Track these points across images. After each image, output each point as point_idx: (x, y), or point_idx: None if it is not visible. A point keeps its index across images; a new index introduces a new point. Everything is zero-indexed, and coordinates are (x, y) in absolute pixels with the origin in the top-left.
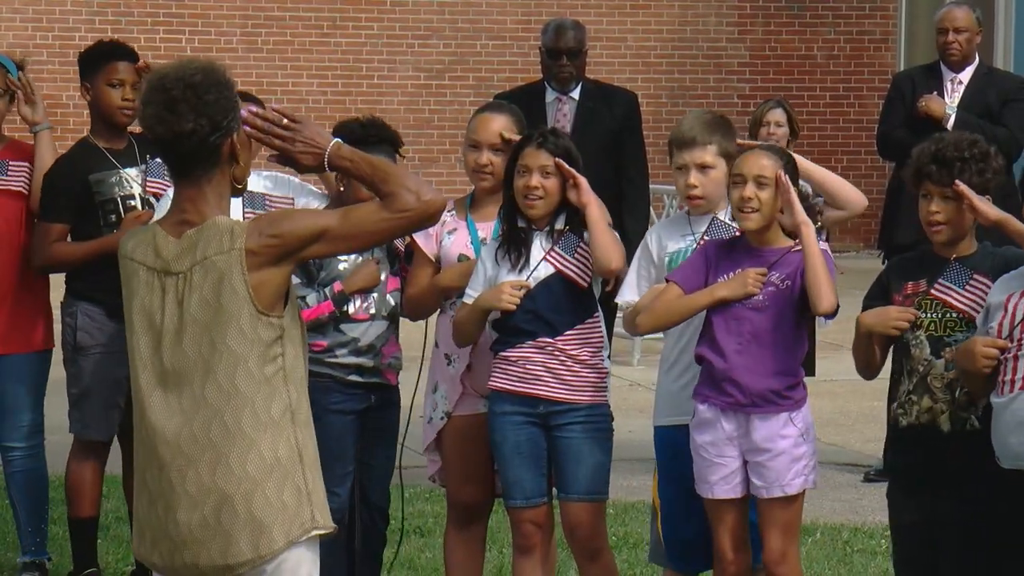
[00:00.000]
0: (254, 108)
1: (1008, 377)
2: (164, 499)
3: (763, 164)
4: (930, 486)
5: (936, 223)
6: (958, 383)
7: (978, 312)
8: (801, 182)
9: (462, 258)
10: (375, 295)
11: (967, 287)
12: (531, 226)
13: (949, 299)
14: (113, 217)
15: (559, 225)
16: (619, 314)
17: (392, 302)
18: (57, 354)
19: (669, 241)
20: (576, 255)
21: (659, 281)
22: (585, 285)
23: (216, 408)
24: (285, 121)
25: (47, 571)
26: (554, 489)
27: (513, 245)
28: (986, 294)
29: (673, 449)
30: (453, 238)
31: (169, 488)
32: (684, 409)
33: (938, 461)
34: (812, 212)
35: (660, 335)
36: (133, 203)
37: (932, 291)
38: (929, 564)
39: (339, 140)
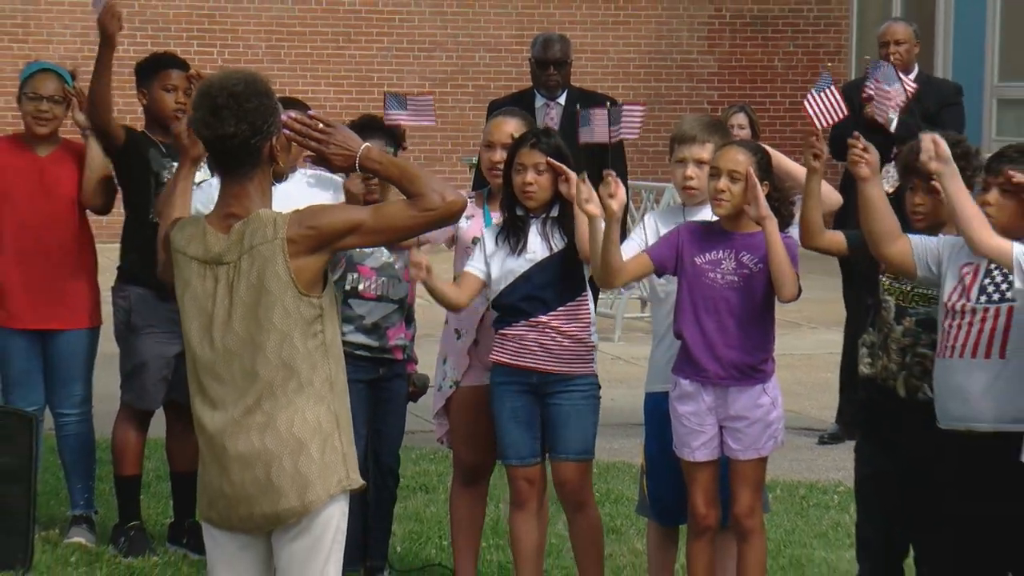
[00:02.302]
0: (294, 113)
1: (950, 343)
2: (219, 462)
3: (738, 159)
4: (890, 444)
5: (918, 213)
6: (910, 350)
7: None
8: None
9: (476, 240)
10: (384, 278)
11: None
12: (529, 214)
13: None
14: (164, 186)
15: (554, 213)
16: (603, 295)
17: (404, 289)
18: (106, 330)
19: (663, 228)
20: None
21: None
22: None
23: (266, 380)
24: (321, 126)
25: (94, 524)
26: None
27: (512, 231)
28: None
29: (660, 414)
30: (470, 223)
31: (223, 452)
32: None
33: (894, 421)
34: (787, 203)
35: (643, 313)
36: None
37: None
38: (890, 512)
39: (369, 145)
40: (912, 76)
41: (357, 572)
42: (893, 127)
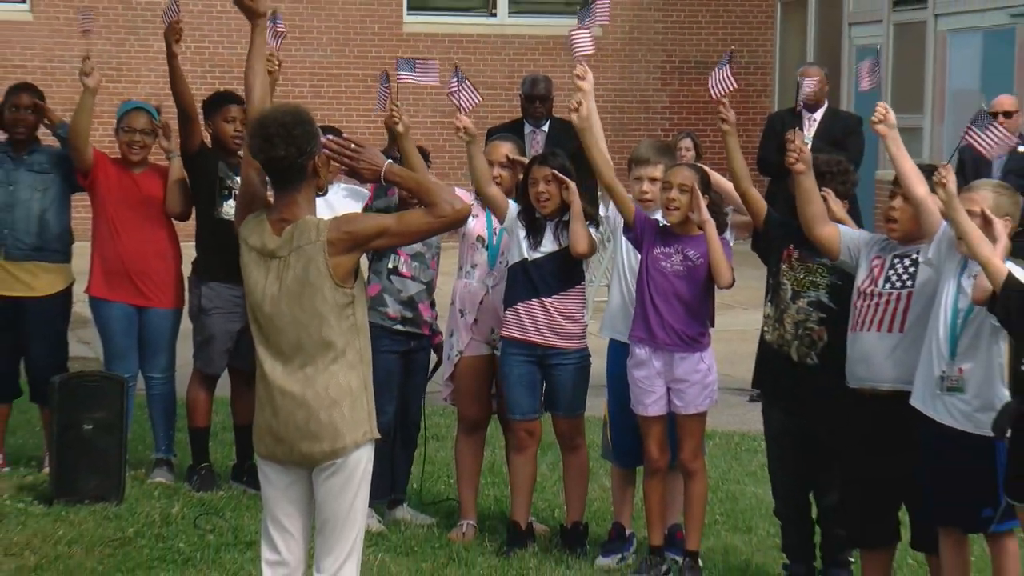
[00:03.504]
0: (332, 136)
1: (859, 318)
2: (271, 404)
3: (685, 176)
4: (785, 402)
5: None
6: (802, 325)
7: (826, 278)
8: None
9: (480, 239)
10: (416, 263)
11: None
12: (545, 218)
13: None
14: (227, 193)
15: (566, 218)
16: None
17: (431, 275)
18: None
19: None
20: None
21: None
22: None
23: (309, 352)
24: (353, 146)
25: (173, 465)
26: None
27: (532, 230)
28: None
29: (620, 379)
30: (475, 221)
31: (273, 401)
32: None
33: (789, 381)
34: (721, 214)
35: (605, 297)
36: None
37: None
38: (791, 462)
39: (391, 161)
40: (823, 109)
41: (383, 504)
42: (808, 148)
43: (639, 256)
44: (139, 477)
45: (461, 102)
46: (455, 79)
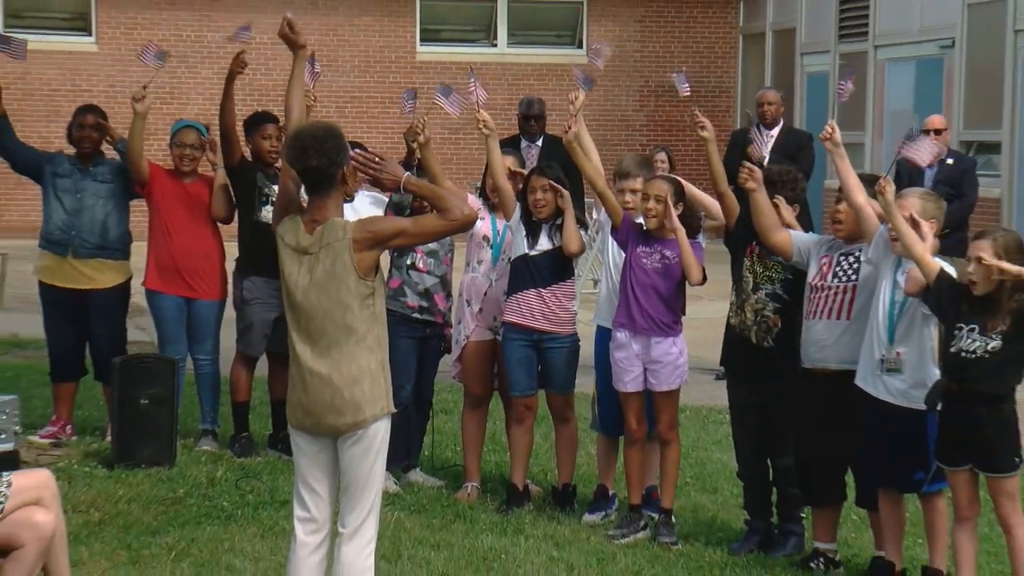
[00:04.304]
0: (359, 150)
1: (812, 308)
2: (302, 382)
3: (661, 187)
4: (746, 379)
5: None
6: (760, 312)
7: (781, 273)
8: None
9: (485, 238)
10: (431, 260)
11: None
12: (541, 222)
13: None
14: (264, 199)
15: (559, 222)
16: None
17: (445, 269)
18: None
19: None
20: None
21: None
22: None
23: (334, 336)
24: (377, 159)
25: (217, 435)
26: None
27: (530, 231)
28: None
29: (606, 359)
30: (481, 223)
31: (304, 379)
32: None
33: (749, 361)
34: (695, 218)
35: (595, 290)
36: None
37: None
38: (752, 432)
39: (410, 173)
40: (779, 127)
41: (399, 468)
42: (766, 163)
43: (623, 254)
44: (188, 445)
45: (478, 99)
46: (471, 78)
